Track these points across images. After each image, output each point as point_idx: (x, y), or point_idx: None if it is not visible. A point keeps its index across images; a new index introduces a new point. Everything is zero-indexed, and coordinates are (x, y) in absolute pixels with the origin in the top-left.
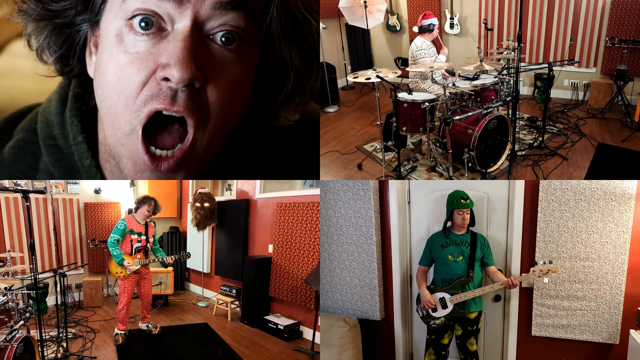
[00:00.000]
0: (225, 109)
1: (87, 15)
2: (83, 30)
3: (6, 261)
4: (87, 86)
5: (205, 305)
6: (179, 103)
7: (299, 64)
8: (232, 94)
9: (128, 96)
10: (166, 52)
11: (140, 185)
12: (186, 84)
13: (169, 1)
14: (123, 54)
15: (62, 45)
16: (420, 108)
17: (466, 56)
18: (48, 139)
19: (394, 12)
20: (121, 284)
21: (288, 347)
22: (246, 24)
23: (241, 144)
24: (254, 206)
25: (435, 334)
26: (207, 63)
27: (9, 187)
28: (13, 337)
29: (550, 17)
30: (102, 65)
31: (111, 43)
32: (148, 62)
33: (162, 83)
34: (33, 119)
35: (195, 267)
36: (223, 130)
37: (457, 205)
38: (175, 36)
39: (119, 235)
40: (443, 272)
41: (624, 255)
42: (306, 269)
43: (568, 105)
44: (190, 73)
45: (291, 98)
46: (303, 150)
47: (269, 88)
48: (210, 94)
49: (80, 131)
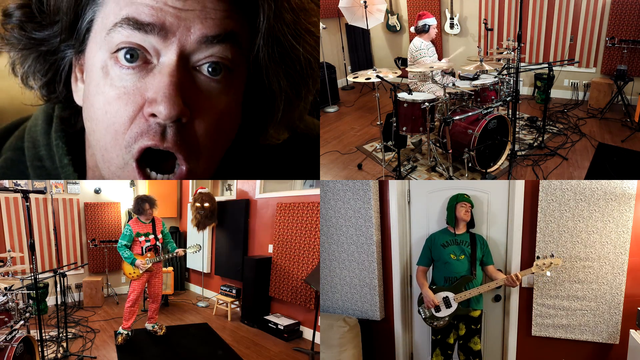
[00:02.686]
0: (215, 138)
1: (72, 42)
2: (68, 57)
3: (6, 261)
4: (73, 109)
5: (205, 305)
6: (168, 139)
7: (287, 92)
8: (219, 124)
9: (116, 131)
10: (153, 87)
11: (140, 185)
12: (174, 120)
13: (154, 36)
14: (110, 87)
15: (48, 72)
16: (420, 108)
17: (466, 56)
18: (35, 160)
19: (394, 12)
20: (132, 284)
21: (288, 347)
22: (233, 54)
23: (235, 160)
24: (254, 206)
25: (440, 334)
26: (194, 96)
27: (9, 187)
28: (13, 337)
29: (550, 17)
30: (89, 98)
31: (97, 75)
32: (135, 97)
33: (150, 119)
34: (20, 137)
35: (195, 267)
36: (215, 156)
37: (461, 199)
38: (162, 70)
39: (126, 241)
40: (445, 271)
41: (624, 255)
42: (306, 269)
43: (568, 105)
44: (177, 109)
45: (280, 122)
46: (298, 160)
47: (257, 113)
48: (198, 127)
49: (65, 153)
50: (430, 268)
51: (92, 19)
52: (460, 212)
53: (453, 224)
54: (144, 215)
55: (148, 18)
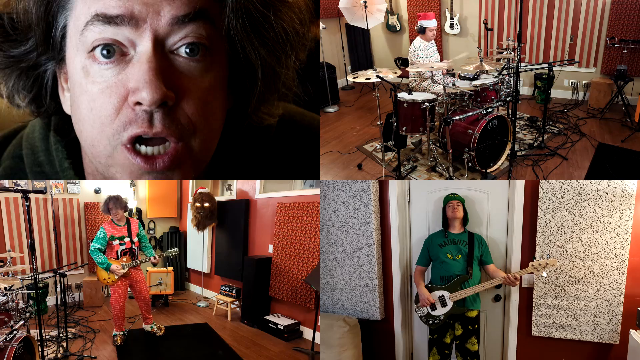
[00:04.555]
0: (205, 116)
1: (50, 53)
2: (50, 69)
3: (6, 261)
4: (66, 119)
5: (205, 305)
6: (157, 125)
7: (267, 60)
8: (207, 102)
9: (103, 124)
10: (133, 77)
11: (140, 185)
12: (159, 105)
13: (125, 26)
14: (92, 84)
15: (32, 88)
16: (420, 108)
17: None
18: (34, 166)
19: (394, 12)
20: (112, 290)
21: (288, 347)
22: (207, 32)
23: (230, 145)
24: (254, 206)
25: (437, 333)
26: (176, 79)
27: (9, 187)
28: (13, 337)
29: (550, 17)
30: (75, 101)
31: (79, 77)
32: (118, 89)
33: (136, 108)
34: (18, 145)
35: (195, 267)
36: (210, 134)
37: (447, 199)
38: (140, 59)
39: (100, 244)
40: (442, 270)
41: (624, 255)
42: (306, 269)
43: (568, 105)
44: (160, 93)
45: (266, 94)
46: (296, 154)
47: (244, 88)
48: (186, 107)
49: (65, 157)
50: (429, 268)
51: (65, 24)
52: (449, 211)
53: (446, 225)
54: (114, 216)
55: (116, 10)
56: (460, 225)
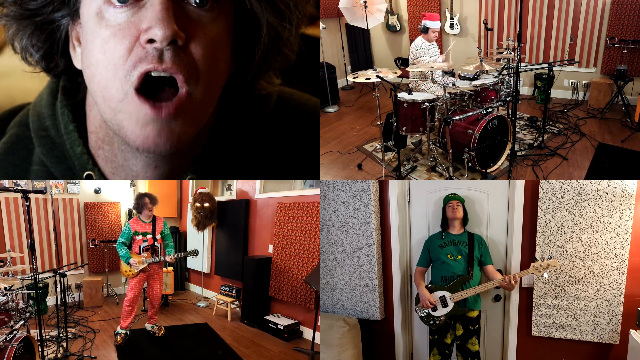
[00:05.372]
0: (210, 64)
1: (65, 10)
2: (63, 25)
3: (6, 261)
4: (74, 80)
5: (205, 305)
6: (167, 61)
7: (272, 18)
8: (213, 50)
9: (115, 65)
10: (146, 18)
11: (140, 185)
12: (169, 41)
13: None
14: (105, 28)
15: (45, 42)
16: (420, 108)
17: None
18: (40, 131)
19: (394, 12)
20: (129, 283)
21: (288, 347)
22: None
23: (229, 117)
24: (254, 206)
25: (438, 334)
26: (186, 23)
27: (9, 187)
28: (13, 337)
29: (550, 17)
30: (87, 46)
31: (93, 23)
32: (130, 30)
33: (147, 46)
34: (25, 115)
35: (195, 267)
36: (212, 87)
37: (447, 199)
38: (153, 2)
39: (124, 239)
40: (443, 271)
41: (624, 255)
42: (306, 269)
43: (568, 105)
44: (172, 29)
45: (269, 53)
46: (303, 148)
47: (248, 48)
48: (194, 50)
49: (71, 120)
50: (430, 268)
51: None
52: (449, 212)
53: (446, 225)
54: (145, 211)
55: None
56: (460, 225)
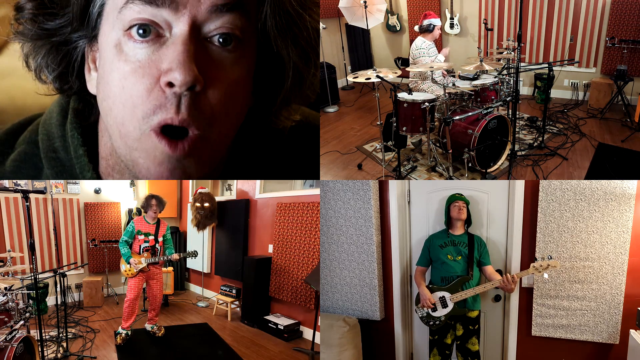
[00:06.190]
0: (228, 107)
1: (84, 31)
2: (80, 47)
3: (6, 261)
4: (87, 102)
5: (205, 305)
6: (183, 111)
7: (297, 60)
8: (232, 94)
9: (134, 104)
10: (167, 58)
11: (140, 185)
12: (188, 87)
13: (165, 8)
14: (124, 62)
15: (60, 63)
16: (420, 108)
17: (466, 56)
18: (49, 152)
19: (394, 12)
20: (128, 283)
21: (288, 347)
22: (242, 24)
23: (245, 147)
24: (254, 206)
25: (438, 334)
26: (207, 65)
27: (9, 187)
28: (13, 337)
29: (550, 17)
30: (105, 77)
31: (111, 54)
32: (151, 69)
33: (166, 90)
34: (34, 131)
35: (195, 267)
36: (228, 130)
37: (452, 198)
38: (174, 41)
39: (127, 237)
40: (442, 271)
41: (624, 255)
42: (306, 269)
43: (568, 105)
44: (192, 75)
45: (291, 95)
46: (303, 153)
47: (269, 87)
48: (212, 96)
49: (81, 144)
50: (429, 268)
51: (104, 2)
52: (454, 212)
53: (449, 225)
54: (150, 212)
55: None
56: (462, 226)
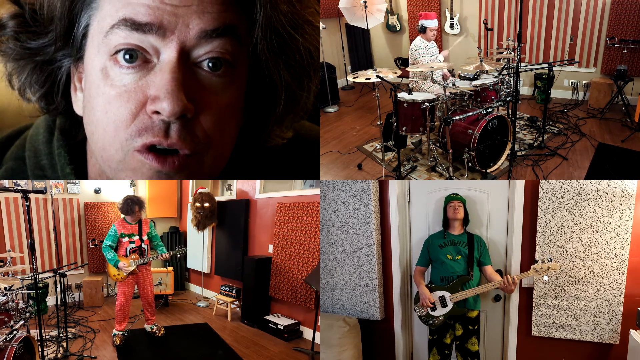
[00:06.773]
0: (220, 133)
1: (68, 50)
2: (65, 66)
3: (6, 261)
4: (74, 120)
5: (205, 305)
6: (172, 136)
7: (289, 82)
8: (224, 119)
9: (117, 127)
10: (154, 85)
11: (140, 185)
12: (178, 117)
13: (153, 35)
14: (110, 87)
15: (45, 83)
16: (420, 108)
17: (466, 56)
18: (36, 169)
19: (394, 12)
20: (118, 286)
21: (288, 347)
22: (233, 48)
23: (238, 162)
24: (254, 206)
25: (437, 334)
26: (197, 92)
27: (9, 187)
28: (13, 337)
29: (550, 17)
30: (90, 102)
31: (97, 78)
32: (137, 94)
33: (153, 116)
34: (21, 146)
35: (195, 267)
36: (223, 150)
37: (449, 198)
38: (162, 67)
39: (111, 242)
40: (442, 271)
41: (624, 255)
42: (306, 269)
43: (568, 105)
44: (181, 105)
45: (284, 117)
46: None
47: (260, 108)
48: (204, 122)
49: (68, 162)
50: (429, 268)
51: (88, 23)
52: (450, 212)
53: (447, 225)
54: (132, 216)
55: (145, 18)
56: (461, 226)
